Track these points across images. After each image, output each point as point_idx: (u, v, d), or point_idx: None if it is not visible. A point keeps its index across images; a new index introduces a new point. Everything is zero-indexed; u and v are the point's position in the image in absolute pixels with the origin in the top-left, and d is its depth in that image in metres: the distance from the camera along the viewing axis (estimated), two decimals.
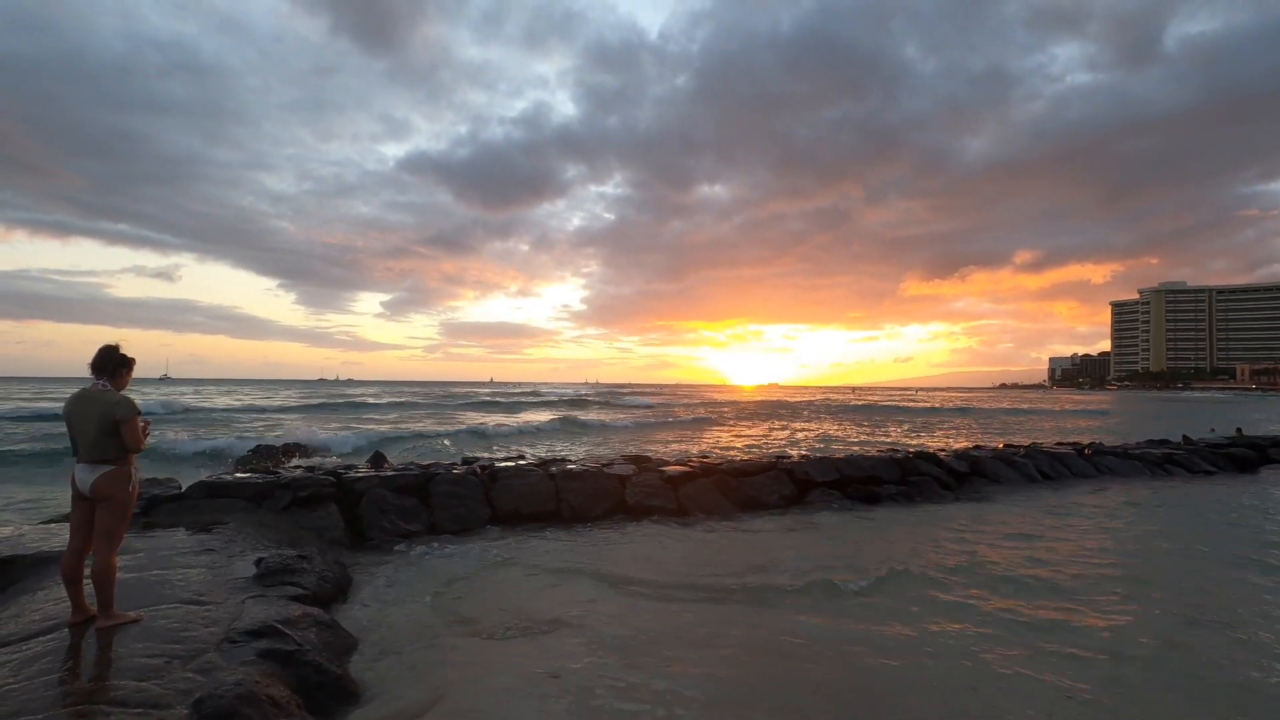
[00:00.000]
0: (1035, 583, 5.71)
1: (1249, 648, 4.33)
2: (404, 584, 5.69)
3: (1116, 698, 3.62)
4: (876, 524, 8.32)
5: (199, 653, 3.48)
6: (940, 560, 6.38)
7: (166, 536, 6.02)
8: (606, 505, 8.57)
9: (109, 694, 3.00)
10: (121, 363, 4.02)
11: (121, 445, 3.86)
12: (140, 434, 3.94)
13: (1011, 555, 6.62)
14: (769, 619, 4.87)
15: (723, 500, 9.10)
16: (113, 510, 3.85)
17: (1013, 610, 4.99)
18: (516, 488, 8.43)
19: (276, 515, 7.10)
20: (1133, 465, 12.88)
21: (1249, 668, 4.03)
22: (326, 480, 7.77)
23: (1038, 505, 9.54)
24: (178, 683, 3.14)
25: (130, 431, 3.86)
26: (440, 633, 4.54)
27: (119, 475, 3.86)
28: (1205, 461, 13.78)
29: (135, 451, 3.95)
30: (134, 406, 3.89)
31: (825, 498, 9.55)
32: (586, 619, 4.81)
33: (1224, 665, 4.06)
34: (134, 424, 3.87)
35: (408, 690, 3.68)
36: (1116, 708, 3.52)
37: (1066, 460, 12.50)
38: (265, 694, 3.11)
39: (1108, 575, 5.99)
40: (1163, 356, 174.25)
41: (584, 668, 3.97)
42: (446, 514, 7.80)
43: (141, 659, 3.36)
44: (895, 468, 10.62)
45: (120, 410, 3.84)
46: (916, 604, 5.16)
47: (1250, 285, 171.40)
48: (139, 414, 3.92)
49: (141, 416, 3.97)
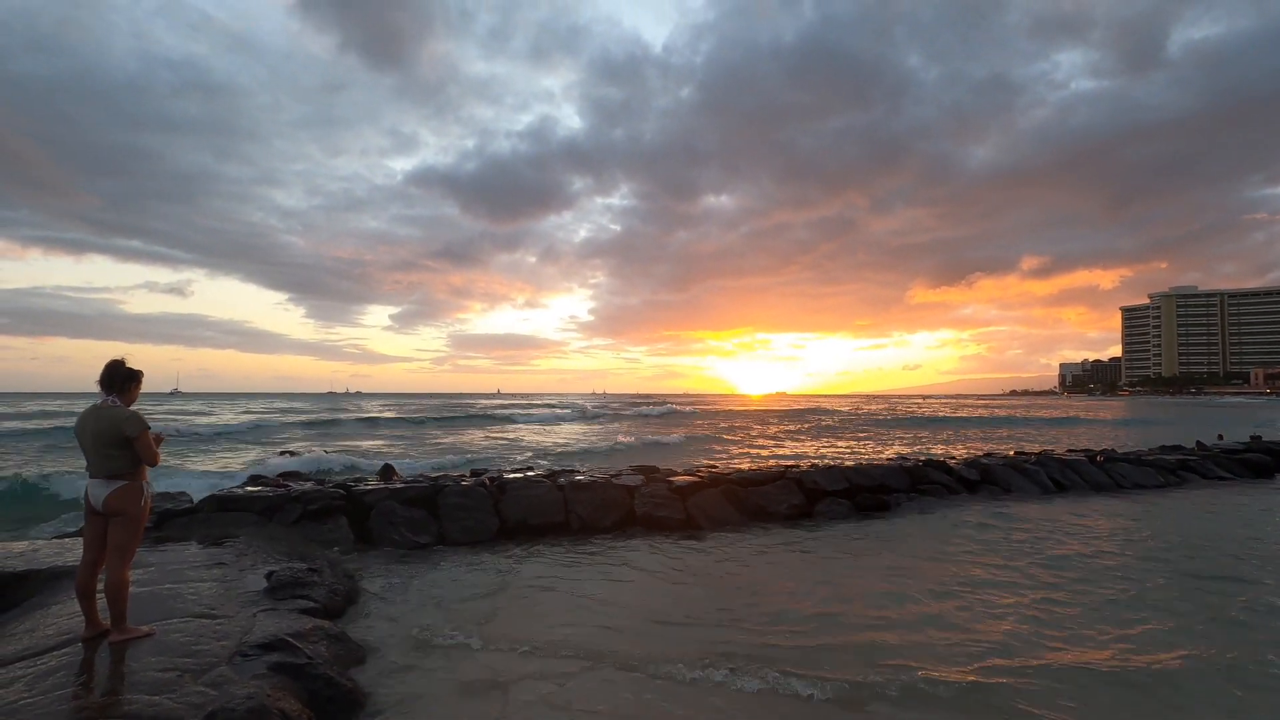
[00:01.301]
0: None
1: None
2: (413, 597, 5.69)
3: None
4: (894, 541, 8.24)
5: (211, 666, 3.50)
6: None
7: (178, 550, 6.06)
8: (615, 516, 8.55)
9: (122, 708, 3.02)
10: (129, 377, 4.03)
11: (132, 459, 3.89)
12: (154, 448, 3.97)
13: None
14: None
15: (731, 510, 9.07)
16: (125, 525, 3.88)
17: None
18: (525, 499, 8.44)
19: (287, 528, 7.14)
20: (1146, 472, 12.74)
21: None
22: (336, 493, 7.81)
23: (1058, 522, 9.42)
24: (190, 696, 3.16)
25: (143, 447, 3.90)
26: (448, 646, 4.54)
27: (130, 490, 3.89)
28: (1220, 468, 13.62)
29: (150, 465, 3.98)
30: (142, 422, 3.91)
31: (834, 507, 9.49)
32: (593, 639, 4.79)
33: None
34: (145, 439, 3.90)
35: (416, 703, 3.69)
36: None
37: (1079, 468, 12.39)
38: (277, 707, 3.12)
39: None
40: (1175, 361, 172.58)
41: (589, 680, 3.97)
42: (455, 526, 7.81)
43: (154, 673, 3.38)
44: (905, 476, 10.56)
45: (130, 426, 3.86)
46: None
47: (1263, 289, 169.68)
48: (148, 429, 3.94)
49: (152, 431, 4.01)
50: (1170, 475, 12.87)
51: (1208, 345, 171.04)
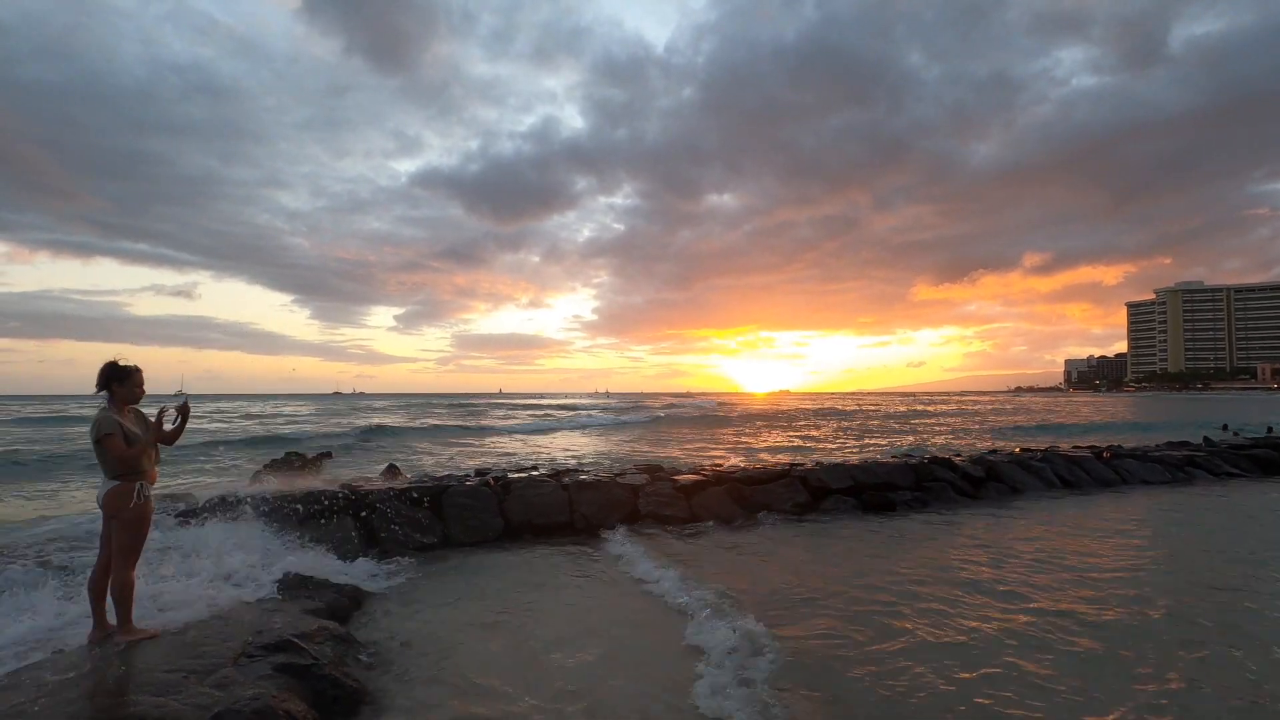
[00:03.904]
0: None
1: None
2: (416, 597, 5.69)
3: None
4: (898, 540, 8.22)
5: (216, 667, 3.50)
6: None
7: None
8: (620, 515, 8.54)
9: (128, 709, 3.02)
10: (112, 376, 4.00)
11: (114, 460, 3.89)
12: (122, 449, 3.86)
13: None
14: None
15: (735, 508, 9.05)
16: (124, 526, 3.89)
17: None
18: (530, 499, 8.43)
19: (292, 528, 7.14)
20: (1153, 468, 12.67)
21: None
22: (341, 493, 7.81)
23: (1066, 519, 9.37)
24: (195, 698, 3.16)
25: (109, 448, 3.85)
26: (451, 646, 4.54)
27: (121, 491, 3.89)
28: (1228, 464, 13.54)
29: (119, 465, 3.88)
30: (107, 424, 3.86)
31: (839, 505, 9.46)
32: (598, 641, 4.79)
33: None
34: (110, 442, 3.84)
35: (422, 705, 3.68)
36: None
37: (1085, 464, 12.32)
38: (282, 708, 3.12)
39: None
40: (1181, 357, 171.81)
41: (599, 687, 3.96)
42: (459, 526, 7.81)
43: (160, 674, 3.38)
44: (910, 474, 10.52)
45: (96, 429, 3.86)
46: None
47: (1269, 283, 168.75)
48: (112, 432, 3.86)
49: (180, 400, 4.12)
50: (1178, 471, 12.79)
51: (1214, 341, 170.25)
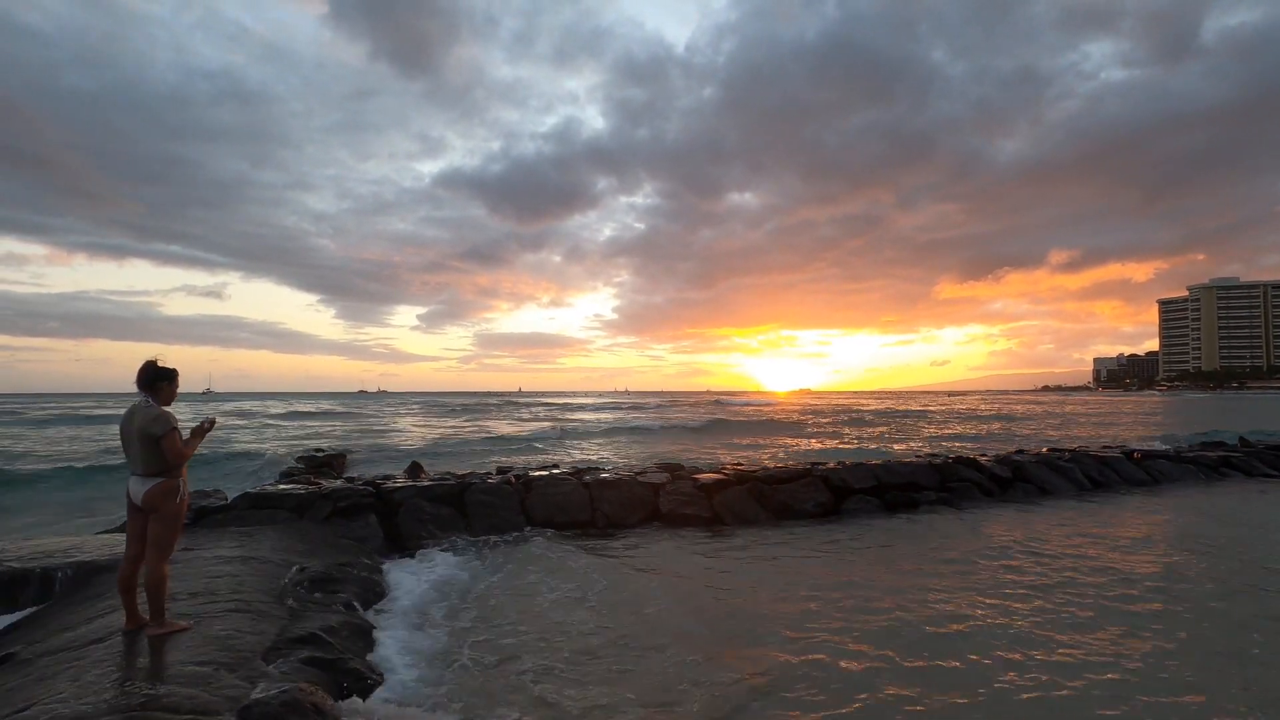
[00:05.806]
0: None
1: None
2: (440, 593, 5.74)
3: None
4: (919, 540, 8.09)
5: (245, 660, 3.56)
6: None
7: (213, 547, 6.18)
8: (641, 514, 8.54)
9: (160, 700, 3.08)
10: (159, 376, 4.08)
11: (171, 456, 3.96)
12: (180, 447, 3.98)
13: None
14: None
15: (757, 509, 9.00)
16: (162, 521, 3.96)
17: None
18: (551, 496, 8.47)
19: (318, 525, 7.25)
20: (1186, 469, 12.36)
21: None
22: (366, 491, 7.91)
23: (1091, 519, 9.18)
24: (226, 689, 3.21)
25: (169, 446, 3.94)
26: (477, 642, 4.57)
27: (167, 488, 3.96)
28: (1265, 465, 13.16)
29: (177, 463, 4.01)
30: (168, 421, 3.95)
31: (862, 505, 9.36)
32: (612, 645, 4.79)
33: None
34: (171, 439, 3.93)
35: (444, 698, 3.71)
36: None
37: (1115, 465, 12.06)
38: (309, 701, 3.16)
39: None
40: (1215, 355, 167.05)
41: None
42: (482, 523, 7.86)
43: (191, 666, 3.45)
44: (934, 474, 10.37)
45: (156, 426, 3.92)
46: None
47: None
48: (175, 429, 3.96)
49: (200, 421, 4.17)
50: (1212, 473, 12.47)
51: (1250, 338, 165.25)
